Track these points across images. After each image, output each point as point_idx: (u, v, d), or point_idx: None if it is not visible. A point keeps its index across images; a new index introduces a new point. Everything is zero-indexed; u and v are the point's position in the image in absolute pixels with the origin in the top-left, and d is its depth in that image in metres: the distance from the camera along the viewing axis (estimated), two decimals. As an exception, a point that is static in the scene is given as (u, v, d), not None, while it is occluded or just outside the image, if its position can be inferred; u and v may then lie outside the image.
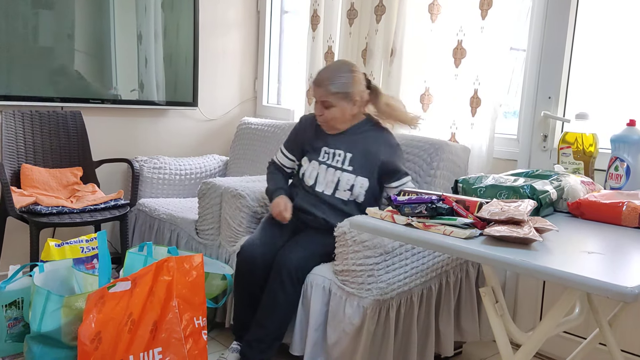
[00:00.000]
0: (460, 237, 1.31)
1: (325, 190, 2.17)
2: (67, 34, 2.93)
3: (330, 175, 2.17)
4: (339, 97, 2.12)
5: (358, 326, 1.90)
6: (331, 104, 2.13)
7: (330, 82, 2.12)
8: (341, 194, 2.16)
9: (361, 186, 2.15)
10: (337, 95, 2.12)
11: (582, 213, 1.59)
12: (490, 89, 2.43)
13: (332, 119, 2.16)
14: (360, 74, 2.18)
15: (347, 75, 2.13)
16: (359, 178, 2.15)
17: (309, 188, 2.20)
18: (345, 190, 2.16)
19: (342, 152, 2.18)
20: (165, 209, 2.90)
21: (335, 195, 2.17)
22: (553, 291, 2.33)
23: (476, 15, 2.42)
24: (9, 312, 2.11)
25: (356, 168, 2.16)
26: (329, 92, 2.12)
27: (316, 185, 2.19)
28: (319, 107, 2.17)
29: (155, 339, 1.84)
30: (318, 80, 2.16)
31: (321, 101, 2.15)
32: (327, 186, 2.17)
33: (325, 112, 2.15)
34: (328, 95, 2.12)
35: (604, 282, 1.06)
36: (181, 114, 3.46)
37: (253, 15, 3.71)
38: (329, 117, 2.16)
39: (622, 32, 2.22)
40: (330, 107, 2.14)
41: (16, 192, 2.58)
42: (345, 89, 2.12)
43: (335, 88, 2.12)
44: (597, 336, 1.75)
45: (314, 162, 2.21)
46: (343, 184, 2.16)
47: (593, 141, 1.96)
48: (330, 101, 2.13)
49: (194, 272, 1.97)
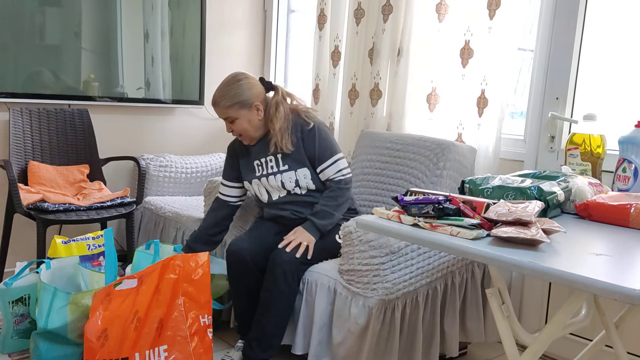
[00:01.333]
0: (467, 237, 1.31)
1: (280, 195, 2.22)
2: (74, 32, 2.94)
3: (273, 182, 2.21)
4: (236, 108, 2.14)
5: (363, 326, 1.90)
6: (233, 117, 2.16)
7: (222, 99, 2.15)
8: (293, 190, 2.21)
9: (305, 176, 2.19)
10: (232, 107, 2.14)
11: (589, 215, 1.59)
12: (497, 89, 2.42)
13: (243, 130, 2.18)
14: (251, 79, 2.19)
15: (236, 86, 2.15)
16: (299, 171, 2.19)
17: (268, 202, 2.26)
18: (293, 187, 2.20)
19: (272, 156, 2.21)
20: (171, 207, 2.90)
21: (291, 193, 2.21)
22: (559, 292, 2.33)
23: (484, 16, 2.41)
24: (15, 308, 2.12)
25: (291, 163, 2.19)
26: (225, 107, 2.15)
27: (270, 197, 2.24)
28: (227, 125, 2.20)
29: (161, 337, 1.85)
30: (213, 101, 2.18)
31: (224, 119, 2.19)
32: (278, 192, 2.23)
33: (233, 126, 2.19)
34: (226, 111, 2.15)
35: (611, 285, 1.05)
36: (187, 113, 3.47)
37: (260, 14, 3.71)
38: (239, 130, 2.18)
39: (631, 33, 2.21)
40: (234, 121, 2.16)
41: (23, 189, 2.59)
42: (237, 98, 2.14)
43: (228, 102, 2.14)
44: (603, 338, 1.74)
45: (255, 181, 2.25)
46: (287, 184, 2.20)
47: (601, 142, 1.95)
48: (231, 115, 2.15)
49: (199, 270, 1.98)
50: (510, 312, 1.41)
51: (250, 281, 2.11)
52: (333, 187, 2.18)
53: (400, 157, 2.47)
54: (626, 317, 1.73)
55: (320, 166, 2.19)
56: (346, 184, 2.20)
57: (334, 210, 2.15)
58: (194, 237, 2.33)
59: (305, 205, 2.21)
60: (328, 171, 2.19)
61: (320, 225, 2.12)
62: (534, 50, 2.41)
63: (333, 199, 2.16)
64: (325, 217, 2.13)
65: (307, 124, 2.19)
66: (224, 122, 2.21)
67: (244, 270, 2.10)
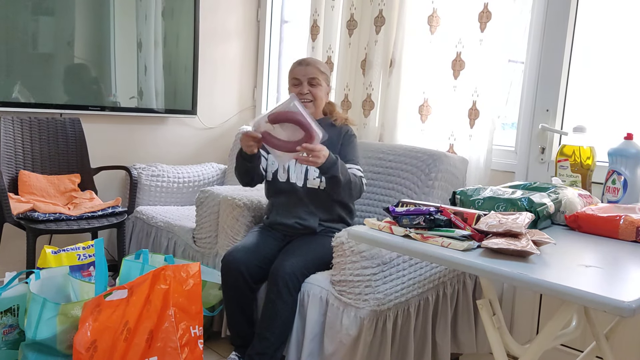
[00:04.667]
0: (458, 249, 1.31)
1: (297, 181, 2.23)
2: (67, 41, 2.94)
3: (299, 166, 2.23)
4: (324, 78, 2.27)
5: (355, 337, 1.89)
6: (318, 82, 2.24)
7: (318, 63, 2.27)
8: (311, 182, 2.21)
9: None
10: (323, 75, 2.26)
11: (579, 226, 1.60)
12: (488, 100, 2.44)
13: (318, 97, 2.24)
14: None
15: (326, 65, 2.36)
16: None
17: (284, 184, 2.23)
18: (315, 178, 2.20)
19: None
20: (162, 216, 2.89)
21: (307, 186, 2.21)
22: (550, 304, 2.33)
23: (475, 28, 2.44)
24: (4, 319, 2.10)
25: None
26: (318, 69, 2.25)
27: (289, 177, 2.24)
28: (304, 86, 2.22)
29: (151, 348, 1.84)
30: (307, 60, 2.27)
31: (309, 79, 2.22)
32: (297, 177, 2.23)
33: (312, 89, 2.23)
34: (316, 72, 2.23)
35: (601, 297, 1.06)
36: (180, 122, 3.47)
37: (253, 24, 3.72)
38: (315, 94, 2.23)
39: (620, 45, 2.24)
40: (317, 85, 2.23)
41: (13, 199, 2.58)
42: (328, 73, 2.31)
43: (322, 67, 2.27)
44: (594, 349, 1.74)
45: None
46: (312, 172, 2.20)
47: (590, 154, 1.97)
48: (318, 79, 2.23)
49: (190, 280, 1.97)
50: (502, 323, 1.42)
51: (245, 292, 2.10)
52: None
53: (392, 167, 2.48)
54: (616, 329, 1.73)
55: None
56: (363, 184, 2.18)
57: (347, 177, 2.07)
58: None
59: (316, 210, 2.21)
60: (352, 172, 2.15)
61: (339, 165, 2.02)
62: (524, 62, 2.43)
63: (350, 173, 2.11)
64: (343, 169, 2.06)
65: (349, 129, 2.30)
66: (296, 85, 2.23)
67: (238, 281, 2.08)
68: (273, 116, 1.91)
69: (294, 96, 1.93)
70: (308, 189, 2.22)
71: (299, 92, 2.21)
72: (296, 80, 2.24)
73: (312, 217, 2.22)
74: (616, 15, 2.24)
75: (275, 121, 1.91)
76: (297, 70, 2.24)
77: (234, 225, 2.42)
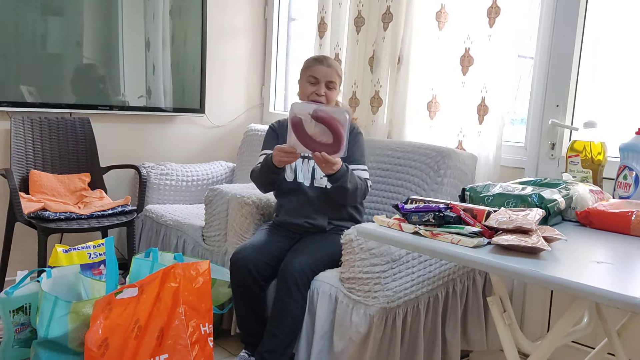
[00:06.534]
0: (468, 245, 1.30)
1: (305, 181, 2.23)
2: (76, 41, 2.96)
3: (305, 165, 2.23)
4: (339, 82, 2.27)
5: (365, 334, 1.89)
6: (335, 86, 2.23)
7: (337, 67, 2.26)
8: (319, 182, 2.21)
9: None
10: (339, 79, 2.27)
11: (590, 222, 1.59)
12: (497, 96, 2.42)
13: (331, 101, 2.24)
14: None
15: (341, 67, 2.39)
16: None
17: (292, 184, 2.23)
18: (322, 177, 2.19)
19: None
20: (171, 215, 2.91)
21: (314, 186, 2.22)
22: (561, 300, 2.32)
23: (484, 23, 2.42)
24: (16, 317, 2.12)
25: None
26: (337, 74, 2.24)
27: (296, 177, 2.24)
28: (321, 87, 2.20)
29: (162, 346, 1.84)
30: (328, 61, 2.23)
31: (328, 82, 2.21)
32: (304, 177, 2.24)
33: (329, 92, 2.22)
34: (334, 75, 2.22)
35: (613, 293, 1.05)
36: (188, 121, 3.47)
37: (260, 22, 3.72)
38: (331, 97, 2.23)
39: (631, 39, 2.22)
40: (333, 89, 2.22)
41: (24, 198, 2.60)
42: (342, 75, 2.32)
43: (340, 72, 2.27)
44: (605, 346, 1.73)
45: None
46: (319, 171, 2.19)
47: (601, 149, 1.95)
48: (335, 83, 2.23)
49: (200, 278, 1.98)
50: (512, 320, 1.41)
51: (254, 290, 2.10)
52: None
53: (400, 164, 2.47)
54: (628, 325, 1.72)
55: (350, 165, 2.16)
56: (368, 186, 2.19)
57: (355, 185, 2.09)
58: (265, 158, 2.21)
59: (323, 208, 2.21)
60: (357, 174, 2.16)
61: (349, 175, 2.04)
62: (534, 58, 2.41)
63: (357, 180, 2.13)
64: (352, 178, 2.07)
65: (355, 127, 2.28)
66: (318, 81, 2.19)
67: (247, 279, 2.09)
68: (320, 113, 1.91)
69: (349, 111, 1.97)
70: (316, 188, 2.22)
71: (315, 91, 2.19)
72: (314, 78, 2.20)
73: (321, 216, 2.22)
74: (626, 9, 2.22)
75: (318, 119, 1.92)
76: (318, 69, 2.21)
77: (242, 223, 2.42)
